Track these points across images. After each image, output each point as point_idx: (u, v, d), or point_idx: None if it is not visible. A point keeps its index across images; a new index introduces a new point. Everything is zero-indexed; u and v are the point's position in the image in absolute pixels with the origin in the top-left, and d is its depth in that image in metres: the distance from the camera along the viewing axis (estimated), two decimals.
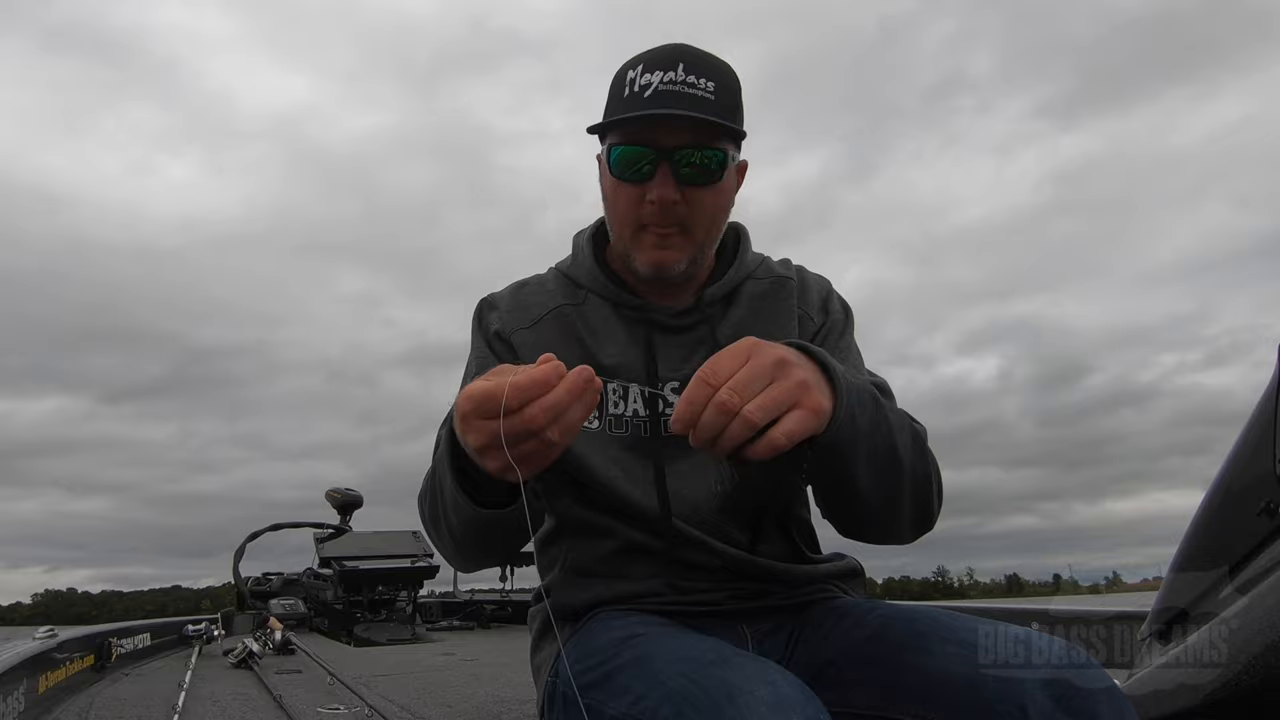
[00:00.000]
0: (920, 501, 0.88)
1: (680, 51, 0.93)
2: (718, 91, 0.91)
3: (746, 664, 0.73)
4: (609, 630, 0.89)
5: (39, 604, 75.81)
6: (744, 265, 1.05)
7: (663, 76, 0.90)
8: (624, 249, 0.99)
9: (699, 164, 0.92)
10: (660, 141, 0.91)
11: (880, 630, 0.84)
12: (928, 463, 0.89)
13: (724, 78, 0.93)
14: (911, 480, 0.85)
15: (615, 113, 0.94)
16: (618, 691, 0.77)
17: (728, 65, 0.95)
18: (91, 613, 58.48)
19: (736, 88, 0.95)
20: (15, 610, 76.69)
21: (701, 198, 0.94)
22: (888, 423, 0.81)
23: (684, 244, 0.95)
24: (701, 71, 0.91)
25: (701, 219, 0.95)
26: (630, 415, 0.99)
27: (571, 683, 0.85)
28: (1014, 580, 13.45)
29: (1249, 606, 1.05)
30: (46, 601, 75.50)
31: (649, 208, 0.93)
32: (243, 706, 2.39)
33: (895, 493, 0.84)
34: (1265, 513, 1.09)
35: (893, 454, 0.81)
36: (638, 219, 0.95)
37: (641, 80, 0.91)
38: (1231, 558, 1.13)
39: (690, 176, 0.92)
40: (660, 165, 0.91)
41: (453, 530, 0.87)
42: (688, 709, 0.68)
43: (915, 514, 0.89)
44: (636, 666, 0.77)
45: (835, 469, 0.78)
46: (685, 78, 0.90)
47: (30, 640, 2.41)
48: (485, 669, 3.33)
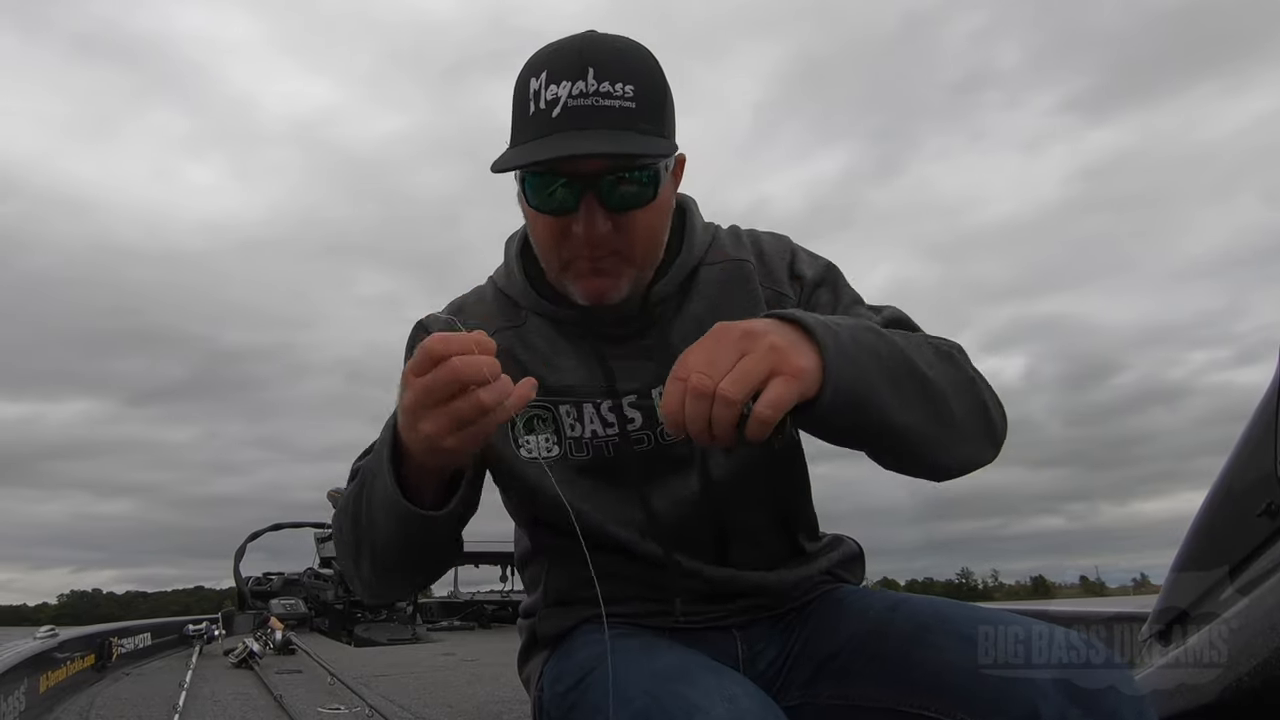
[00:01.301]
0: (974, 408, 0.80)
1: (588, 51, 0.78)
2: (638, 95, 0.77)
3: (708, 678, 0.72)
4: (586, 646, 0.88)
5: (65, 605, 75.80)
6: (692, 250, 0.92)
7: (571, 88, 0.76)
8: (555, 280, 0.88)
9: (628, 191, 0.79)
10: (580, 167, 0.77)
11: (884, 623, 0.83)
12: (964, 369, 0.81)
13: (642, 75, 0.79)
14: (953, 389, 0.77)
15: (520, 134, 0.80)
16: (588, 710, 0.78)
17: (644, 52, 0.81)
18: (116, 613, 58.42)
19: (659, 81, 0.81)
20: (41, 611, 76.76)
21: (635, 221, 0.81)
22: (897, 347, 0.74)
23: (621, 269, 0.83)
24: (615, 74, 0.77)
25: (638, 242, 0.83)
26: (590, 437, 0.90)
27: (553, 700, 0.86)
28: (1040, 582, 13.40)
29: (1250, 607, 1.04)
30: (72, 602, 75.47)
31: (576, 240, 0.80)
32: (243, 706, 2.39)
33: (940, 408, 0.76)
34: (1266, 513, 1.09)
35: (916, 374, 0.74)
36: (565, 253, 0.83)
37: (547, 94, 0.77)
38: (1232, 558, 1.13)
39: (620, 202, 0.79)
40: (584, 196, 0.78)
41: (375, 542, 0.82)
42: None
43: (975, 422, 0.80)
44: (607, 684, 0.76)
45: (864, 415, 0.71)
46: (598, 86, 0.76)
47: (31, 640, 2.41)
48: (486, 669, 3.33)
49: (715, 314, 0.86)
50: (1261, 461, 1.12)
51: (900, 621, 0.81)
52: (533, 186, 0.80)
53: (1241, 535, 1.12)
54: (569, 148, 0.75)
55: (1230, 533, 1.15)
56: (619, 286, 0.84)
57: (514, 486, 0.94)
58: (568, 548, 0.86)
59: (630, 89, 0.77)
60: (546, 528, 0.95)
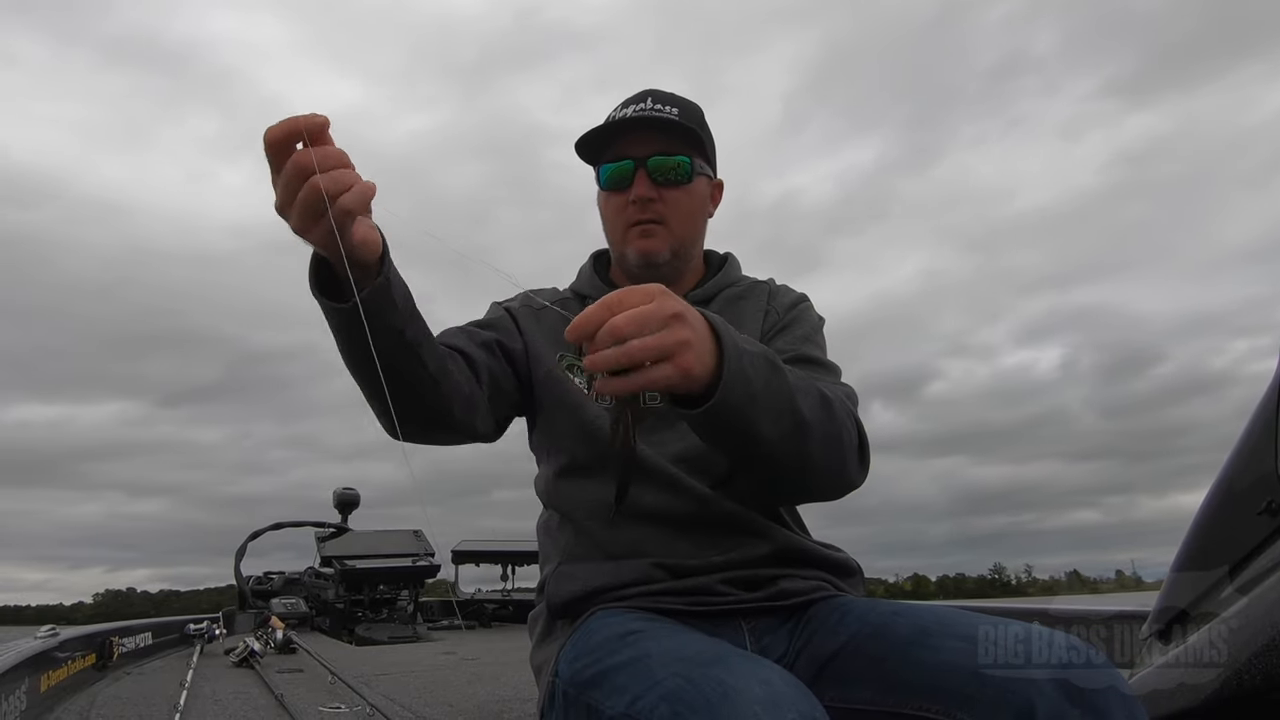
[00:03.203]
0: (832, 461, 0.92)
1: (649, 91, 1.14)
2: (681, 115, 1.11)
3: (742, 663, 0.73)
4: (607, 628, 0.90)
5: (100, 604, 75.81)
6: (727, 276, 1.20)
7: (635, 107, 1.11)
8: (618, 251, 1.16)
9: (669, 168, 1.10)
10: (635, 153, 1.10)
11: (884, 626, 0.85)
12: (837, 422, 0.92)
13: (688, 106, 1.13)
14: (822, 439, 0.90)
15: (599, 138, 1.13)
16: (615, 691, 0.78)
17: (693, 103, 1.15)
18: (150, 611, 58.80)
19: (700, 117, 1.15)
20: (78, 610, 76.86)
21: (675, 197, 1.11)
22: (788, 385, 0.86)
23: (664, 235, 1.12)
24: (666, 101, 1.12)
25: (677, 214, 1.12)
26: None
27: (571, 681, 0.86)
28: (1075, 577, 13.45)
29: (1250, 606, 1.04)
30: (107, 601, 75.51)
31: (632, 208, 1.10)
32: (244, 705, 2.40)
33: (803, 448, 0.88)
34: (1266, 512, 1.09)
35: (795, 414, 0.86)
36: (625, 219, 1.12)
37: (618, 115, 1.12)
38: (1232, 557, 1.13)
39: (663, 179, 1.10)
40: (637, 171, 1.10)
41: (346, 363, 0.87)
42: (683, 709, 0.68)
43: (829, 470, 0.93)
44: (634, 665, 0.78)
45: (735, 428, 0.82)
46: (653, 106, 1.11)
47: (32, 639, 2.42)
48: (486, 668, 3.34)
49: (725, 313, 1.00)
50: (1261, 461, 1.12)
51: (901, 625, 0.84)
52: (605, 173, 1.13)
53: (1241, 534, 1.12)
54: (628, 128, 1.10)
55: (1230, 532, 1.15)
56: (662, 249, 1.12)
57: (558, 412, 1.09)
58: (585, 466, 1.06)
59: (675, 110, 1.11)
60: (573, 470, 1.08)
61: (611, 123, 1.12)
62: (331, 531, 6.48)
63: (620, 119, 1.11)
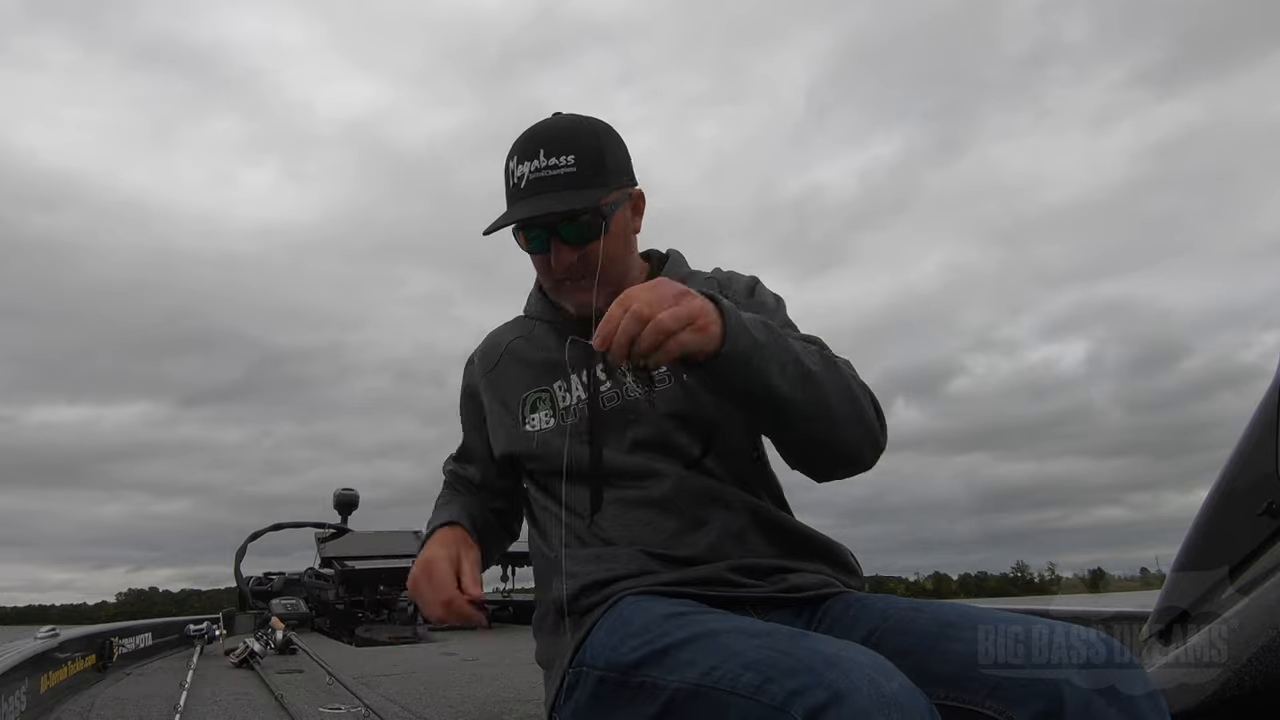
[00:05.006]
0: (851, 407, 0.97)
1: (541, 136, 1.09)
2: (578, 162, 1.06)
3: (824, 637, 0.75)
4: (645, 612, 0.90)
5: (123, 603, 75.85)
6: (673, 273, 1.20)
7: (530, 166, 1.07)
8: (556, 299, 1.19)
9: (580, 228, 1.08)
10: (542, 219, 1.08)
11: (906, 620, 0.87)
12: (844, 376, 0.99)
13: (582, 147, 1.07)
14: (832, 386, 0.96)
15: (508, 202, 1.13)
16: (679, 665, 0.78)
17: (589, 127, 1.10)
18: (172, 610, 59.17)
19: (598, 146, 1.09)
20: (102, 609, 77.04)
21: (594, 250, 1.09)
22: (786, 339, 0.94)
23: (593, 287, 1.09)
24: (559, 149, 1.07)
25: (603, 262, 1.10)
26: (575, 403, 1.13)
27: (613, 665, 0.86)
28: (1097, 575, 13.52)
29: (1250, 607, 1.05)
30: (130, 600, 75.55)
31: (557, 269, 1.11)
32: (244, 706, 2.40)
33: (818, 396, 0.94)
34: (1267, 513, 1.09)
35: (799, 364, 0.93)
36: (552, 277, 1.14)
37: (516, 173, 1.09)
38: (1233, 558, 1.13)
39: (577, 238, 1.09)
40: (550, 239, 1.09)
41: None
42: (776, 674, 0.68)
43: (851, 416, 0.97)
44: (700, 641, 0.78)
45: (751, 381, 0.89)
46: (546, 162, 1.06)
47: (32, 639, 2.42)
48: (487, 669, 3.34)
49: None
50: (1261, 461, 1.12)
51: (923, 619, 0.85)
52: (522, 238, 1.12)
53: (1242, 535, 1.12)
54: (526, 211, 1.07)
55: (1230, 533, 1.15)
56: (597, 300, 1.05)
57: (526, 460, 1.16)
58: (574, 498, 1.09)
59: (570, 158, 1.06)
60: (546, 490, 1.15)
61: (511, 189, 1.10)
62: (331, 532, 6.47)
63: (521, 184, 1.08)
